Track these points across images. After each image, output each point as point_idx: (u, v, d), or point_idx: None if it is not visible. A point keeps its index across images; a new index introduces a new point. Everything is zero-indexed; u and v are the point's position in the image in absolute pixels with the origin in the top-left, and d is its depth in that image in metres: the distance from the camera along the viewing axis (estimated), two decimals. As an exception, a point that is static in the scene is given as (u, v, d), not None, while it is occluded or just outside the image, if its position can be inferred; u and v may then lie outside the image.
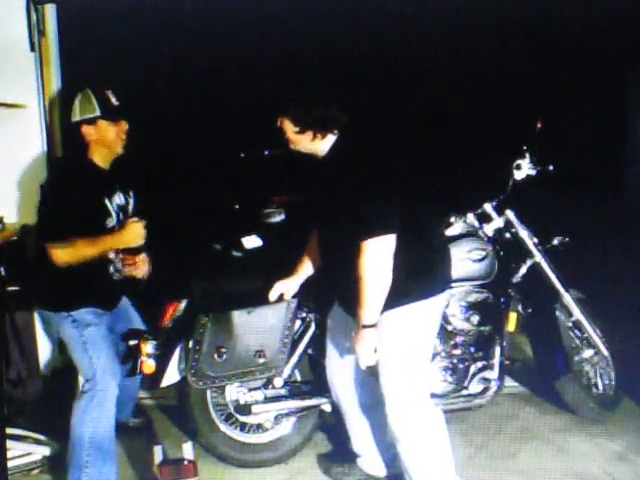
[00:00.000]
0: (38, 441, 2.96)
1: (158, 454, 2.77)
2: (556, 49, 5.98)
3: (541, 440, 3.19)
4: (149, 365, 2.72)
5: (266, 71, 5.21)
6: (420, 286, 2.43)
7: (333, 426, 3.11)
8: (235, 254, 3.24)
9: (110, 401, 2.67)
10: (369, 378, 2.60)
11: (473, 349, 3.09)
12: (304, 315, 2.95)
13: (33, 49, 3.32)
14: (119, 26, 4.89)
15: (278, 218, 3.79)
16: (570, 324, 3.27)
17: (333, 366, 2.76)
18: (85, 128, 2.70)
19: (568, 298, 3.22)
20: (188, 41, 5.77)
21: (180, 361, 2.79)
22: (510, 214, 3.18)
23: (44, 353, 3.39)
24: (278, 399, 2.93)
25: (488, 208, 3.19)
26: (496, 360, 3.08)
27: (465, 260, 3.01)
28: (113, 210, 2.77)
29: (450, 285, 2.60)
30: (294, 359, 2.93)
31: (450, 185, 3.34)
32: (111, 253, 2.78)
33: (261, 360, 2.79)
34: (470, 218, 3.15)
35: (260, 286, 2.77)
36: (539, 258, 3.20)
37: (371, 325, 2.35)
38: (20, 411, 3.07)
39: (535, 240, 3.21)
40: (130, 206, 2.88)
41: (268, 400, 2.92)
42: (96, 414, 2.64)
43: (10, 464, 2.70)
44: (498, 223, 3.18)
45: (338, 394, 2.79)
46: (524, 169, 3.15)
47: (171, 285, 3.02)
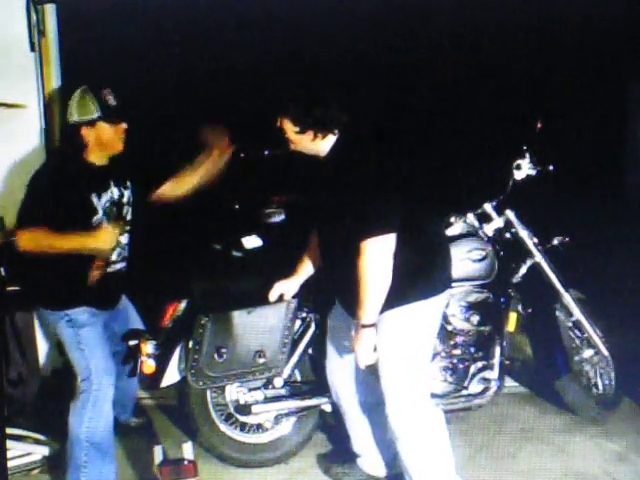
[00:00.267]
0: (38, 441, 2.97)
1: (158, 454, 2.78)
2: (556, 49, 5.98)
3: (541, 440, 3.19)
4: (149, 365, 2.72)
5: (266, 71, 5.21)
6: (420, 286, 2.44)
7: (333, 426, 3.11)
8: (235, 254, 3.23)
9: (106, 400, 2.67)
10: (369, 378, 2.60)
11: (473, 349, 3.09)
12: (304, 315, 2.95)
13: (33, 49, 3.32)
14: (119, 26, 4.90)
15: (278, 218, 3.79)
16: (570, 324, 3.28)
17: (333, 366, 2.76)
18: (84, 130, 2.68)
19: (568, 298, 3.22)
20: (188, 41, 5.77)
21: (180, 361, 2.79)
22: (510, 214, 3.18)
23: (44, 353, 3.39)
24: (278, 399, 2.93)
25: (488, 208, 3.19)
26: (496, 360, 3.08)
27: (465, 260, 3.01)
28: (100, 207, 2.71)
29: (450, 285, 2.60)
30: (294, 359, 2.93)
31: (450, 185, 3.34)
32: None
33: (261, 360, 2.80)
34: (470, 218, 3.15)
35: (260, 286, 2.77)
36: (539, 258, 3.20)
37: (370, 325, 2.35)
38: (20, 411, 3.07)
39: (535, 240, 3.21)
40: (125, 198, 2.83)
41: (268, 400, 2.92)
42: (92, 414, 2.64)
43: (10, 464, 2.71)
44: (498, 223, 3.18)
45: (338, 394, 2.79)
46: (524, 169, 3.15)
47: (171, 285, 3.02)
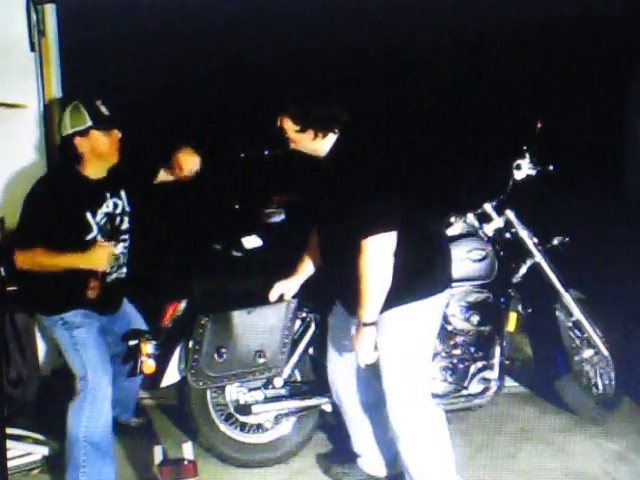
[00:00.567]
0: (38, 441, 2.97)
1: (158, 454, 2.78)
2: (556, 49, 5.97)
3: (541, 440, 3.19)
4: (149, 365, 2.72)
5: (266, 71, 5.21)
6: (421, 285, 2.44)
7: (333, 426, 3.11)
8: (235, 254, 3.24)
9: (103, 400, 2.67)
10: (370, 378, 2.60)
11: (473, 349, 3.09)
12: (304, 315, 2.95)
13: (33, 49, 3.32)
14: (119, 26, 4.89)
15: (278, 218, 3.79)
16: (570, 324, 3.28)
17: (334, 366, 2.76)
18: (77, 140, 2.68)
19: (568, 298, 3.22)
20: (188, 40, 5.77)
21: (180, 361, 2.79)
22: (510, 214, 3.18)
23: (44, 353, 3.39)
24: (278, 399, 2.93)
25: (488, 208, 3.19)
26: (496, 360, 3.08)
27: (465, 260, 3.01)
28: (95, 224, 2.72)
29: (450, 285, 2.60)
30: (294, 359, 2.93)
31: (450, 185, 3.34)
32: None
33: (261, 360, 2.80)
34: (470, 218, 3.15)
35: (260, 286, 2.77)
36: (539, 258, 3.20)
37: (371, 323, 2.35)
38: (20, 411, 3.07)
39: (535, 240, 3.21)
40: (119, 209, 2.83)
41: (268, 400, 2.92)
42: (90, 413, 2.64)
43: (10, 464, 2.70)
44: (498, 223, 3.18)
45: (339, 393, 2.79)
46: (524, 169, 3.16)
47: (171, 285, 3.02)
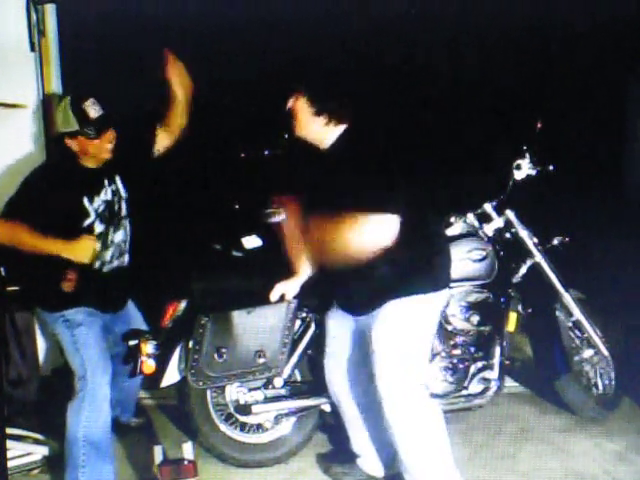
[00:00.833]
0: (38, 441, 2.97)
1: (158, 454, 2.77)
2: (556, 49, 5.98)
3: (541, 440, 3.18)
4: (149, 365, 2.72)
5: (267, 70, 5.21)
6: (422, 280, 2.45)
7: (333, 426, 3.10)
8: (235, 254, 3.23)
9: (102, 400, 2.67)
10: (368, 378, 2.59)
11: (473, 349, 3.09)
12: (304, 315, 2.95)
13: (33, 49, 3.31)
14: (119, 26, 4.90)
15: (278, 218, 3.79)
16: (570, 324, 3.27)
17: (332, 366, 2.76)
18: (67, 141, 2.69)
19: (568, 298, 3.22)
20: (188, 40, 5.76)
21: (180, 361, 2.79)
22: (510, 214, 3.18)
23: (44, 353, 3.38)
24: (278, 399, 2.93)
25: (488, 208, 3.19)
26: (496, 360, 3.08)
27: (465, 260, 3.01)
28: (92, 210, 2.72)
29: (450, 285, 2.60)
30: (294, 359, 2.93)
31: (450, 185, 3.34)
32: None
33: (261, 360, 2.80)
34: (470, 218, 3.15)
35: (260, 286, 2.77)
36: (539, 258, 3.20)
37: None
38: (20, 411, 3.07)
39: (535, 240, 3.21)
40: (117, 195, 2.82)
41: (268, 400, 2.92)
42: (89, 413, 2.64)
43: (10, 464, 2.71)
44: (498, 223, 3.18)
45: (337, 394, 2.78)
46: (524, 169, 3.16)
47: (171, 285, 3.02)
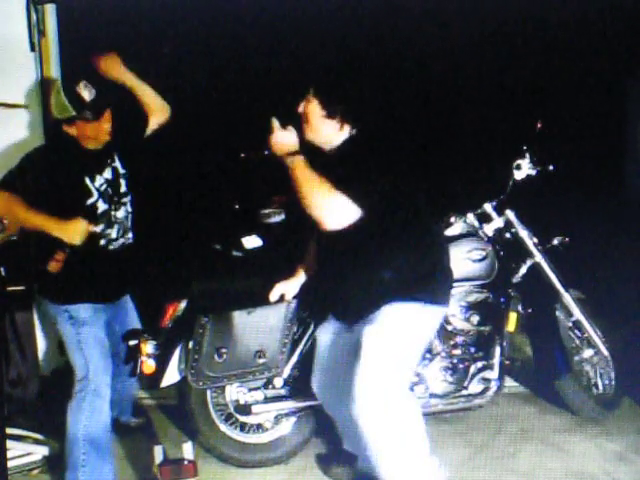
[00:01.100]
0: (38, 441, 2.97)
1: (158, 454, 2.77)
2: (556, 49, 5.98)
3: (541, 440, 3.18)
4: (149, 365, 2.72)
5: (266, 71, 5.21)
6: (425, 288, 2.42)
7: (333, 426, 3.10)
8: (235, 254, 3.24)
9: (102, 400, 2.68)
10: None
11: (473, 349, 3.09)
12: (304, 315, 2.95)
13: (33, 49, 3.32)
14: (119, 26, 4.89)
15: (278, 218, 3.79)
16: (570, 324, 3.27)
17: (320, 381, 2.73)
18: (65, 127, 2.68)
19: (568, 298, 3.22)
20: (188, 40, 5.76)
21: (180, 361, 2.79)
22: (510, 214, 3.18)
23: (44, 353, 3.39)
24: (278, 399, 2.93)
25: (488, 208, 3.19)
26: (496, 360, 3.08)
27: (465, 260, 3.01)
28: (94, 189, 2.71)
29: (447, 304, 2.58)
30: (294, 359, 2.93)
31: (450, 185, 3.34)
32: (96, 228, 2.70)
33: (261, 360, 2.80)
34: (470, 218, 3.15)
35: (260, 286, 2.77)
36: (539, 258, 3.20)
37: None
38: (20, 411, 3.07)
39: (535, 240, 3.21)
40: (117, 174, 2.81)
41: (268, 400, 2.92)
42: (89, 413, 2.65)
43: (10, 464, 2.70)
44: (498, 223, 3.18)
45: (325, 406, 2.77)
46: (524, 169, 3.16)
47: (171, 285, 3.02)
